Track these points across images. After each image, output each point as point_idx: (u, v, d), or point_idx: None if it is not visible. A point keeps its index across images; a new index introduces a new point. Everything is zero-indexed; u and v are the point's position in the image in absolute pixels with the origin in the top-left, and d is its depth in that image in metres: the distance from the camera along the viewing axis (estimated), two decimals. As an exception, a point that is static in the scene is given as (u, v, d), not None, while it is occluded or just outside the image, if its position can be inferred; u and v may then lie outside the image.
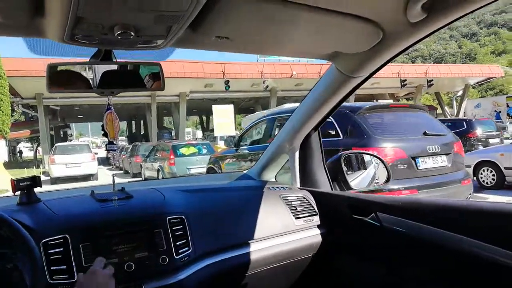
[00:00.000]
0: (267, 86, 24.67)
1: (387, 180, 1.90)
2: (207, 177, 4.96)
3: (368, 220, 1.42)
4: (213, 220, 1.38)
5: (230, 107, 18.04)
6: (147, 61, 1.19)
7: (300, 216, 1.57)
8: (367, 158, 2.04)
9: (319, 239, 1.57)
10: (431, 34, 1.08)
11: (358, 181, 1.86)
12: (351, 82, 1.43)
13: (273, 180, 1.98)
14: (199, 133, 50.45)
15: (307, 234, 1.56)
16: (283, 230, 1.50)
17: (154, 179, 11.20)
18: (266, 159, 1.94)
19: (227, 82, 23.04)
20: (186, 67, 23.29)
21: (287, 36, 1.12)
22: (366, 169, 2.00)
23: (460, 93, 34.21)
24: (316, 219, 1.61)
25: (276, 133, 7.57)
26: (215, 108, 17.76)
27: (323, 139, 5.04)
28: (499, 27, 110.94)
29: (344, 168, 1.80)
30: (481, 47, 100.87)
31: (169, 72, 22.34)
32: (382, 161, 1.96)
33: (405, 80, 28.47)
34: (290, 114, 1.75)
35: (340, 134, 4.47)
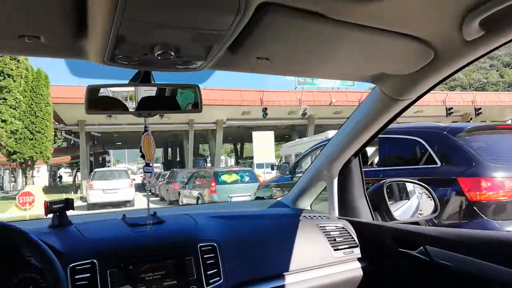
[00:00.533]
0: (305, 114, 24.07)
1: (435, 211, 1.76)
2: (239, 204, 4.82)
3: (415, 254, 1.32)
4: (246, 249, 1.33)
5: (270, 134, 17.47)
6: (186, 84, 1.18)
7: (340, 247, 1.48)
8: (409, 187, 1.93)
9: (360, 273, 1.48)
10: (486, 54, 0.99)
11: (401, 212, 1.75)
12: (397, 105, 1.35)
13: (309, 208, 1.87)
14: (231, 161, 50.35)
15: (347, 267, 1.47)
16: (321, 262, 1.42)
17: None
18: (302, 186, 1.85)
19: (265, 110, 22.69)
20: (225, 95, 23.26)
21: (330, 57, 1.07)
22: (409, 198, 1.89)
23: (509, 122, 32.15)
24: (357, 252, 1.51)
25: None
26: (256, 134, 17.24)
27: (405, 167, 4.08)
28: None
29: (387, 197, 1.69)
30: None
31: (207, 100, 22.35)
32: (429, 190, 1.82)
33: (451, 108, 27.12)
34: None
35: (437, 160, 3.66)
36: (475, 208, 3.25)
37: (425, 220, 2.27)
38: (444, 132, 3.74)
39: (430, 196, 1.81)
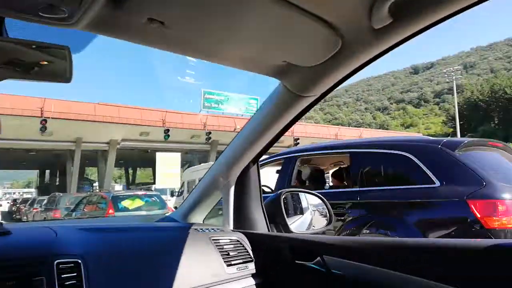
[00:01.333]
0: (209, 138, 23.19)
1: (329, 223, 1.76)
2: (119, 218, 4.32)
3: (312, 265, 1.26)
4: (121, 266, 1.12)
5: (177, 156, 16.08)
6: (53, 44, 0.88)
7: (233, 262, 1.33)
8: (306, 198, 1.87)
9: None
10: (395, 46, 0.98)
11: (298, 224, 1.67)
12: (301, 103, 1.25)
13: (201, 222, 1.69)
14: (118, 187, 46.54)
15: (240, 285, 1.32)
16: (212, 279, 1.24)
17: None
18: (194, 198, 1.67)
19: (167, 131, 21.16)
20: (122, 112, 21.08)
21: (233, 36, 0.94)
22: (304, 211, 1.83)
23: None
24: (252, 267, 1.38)
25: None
26: (160, 156, 15.64)
27: (393, 187, 3.28)
28: (406, 104, 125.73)
29: (284, 209, 1.59)
30: (392, 119, 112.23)
31: (101, 116, 19.97)
32: (324, 201, 1.78)
33: (343, 142, 29.14)
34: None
35: (434, 179, 3.05)
36: (490, 235, 2.66)
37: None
38: (439, 146, 3.18)
39: (325, 207, 1.78)
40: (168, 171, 15.11)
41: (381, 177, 3.50)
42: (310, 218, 1.83)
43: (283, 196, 1.64)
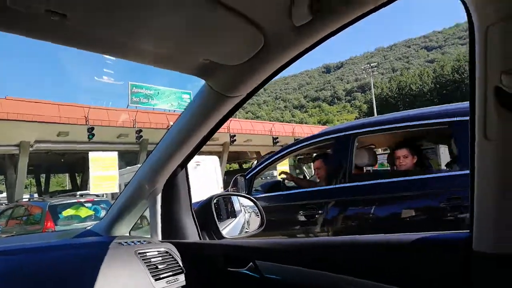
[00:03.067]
0: (140, 137, 21.06)
1: (261, 225, 1.69)
2: (31, 237, 3.51)
3: (245, 271, 1.25)
4: None
5: (114, 156, 13.94)
6: None
7: (162, 276, 1.27)
8: (236, 200, 1.88)
9: None
10: (316, 44, 0.98)
11: (230, 228, 1.68)
12: (227, 103, 1.22)
13: (127, 235, 1.59)
14: (26, 197, 41.17)
15: None
16: None
17: None
18: (118, 208, 1.56)
19: (91, 130, 18.67)
20: (36, 108, 18.01)
21: (147, 31, 0.87)
22: (236, 213, 1.85)
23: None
24: (182, 279, 1.33)
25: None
26: (93, 156, 13.37)
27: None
28: (321, 101, 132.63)
29: (215, 214, 1.54)
30: (309, 116, 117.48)
31: (8, 113, 16.80)
32: (256, 203, 1.75)
33: (277, 137, 29.04)
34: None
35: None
36: None
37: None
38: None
39: (257, 209, 1.74)
40: (104, 173, 13.01)
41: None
42: (243, 221, 1.82)
43: (214, 201, 1.58)
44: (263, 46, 0.95)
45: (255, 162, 41.01)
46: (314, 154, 3.89)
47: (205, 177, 11.97)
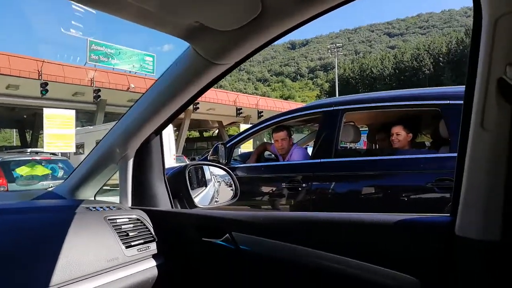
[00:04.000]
0: (98, 96, 20.03)
1: (235, 196, 1.68)
2: None
3: (220, 242, 1.24)
4: None
5: (71, 114, 13.06)
6: None
7: (133, 243, 1.22)
8: (207, 170, 1.82)
9: (155, 272, 1.26)
10: (316, 16, 0.93)
11: (200, 198, 1.61)
12: (213, 70, 1.15)
13: (92, 199, 1.53)
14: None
15: (141, 267, 1.22)
16: (108, 264, 1.12)
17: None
18: (84, 171, 1.48)
19: (44, 85, 17.46)
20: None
21: None
22: (207, 182, 1.80)
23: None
24: (154, 247, 1.29)
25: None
26: (48, 113, 12.44)
27: None
28: (284, 77, 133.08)
29: (189, 183, 1.52)
30: (272, 91, 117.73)
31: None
32: (230, 174, 1.73)
33: (241, 108, 28.86)
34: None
35: None
36: None
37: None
38: None
39: (231, 181, 1.72)
40: (60, 132, 12.20)
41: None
42: (213, 191, 1.80)
43: (188, 170, 1.56)
44: (260, 13, 0.88)
45: (217, 131, 40.75)
46: (275, 126, 3.77)
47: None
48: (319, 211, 3.06)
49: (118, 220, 1.25)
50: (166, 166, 1.56)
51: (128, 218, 1.29)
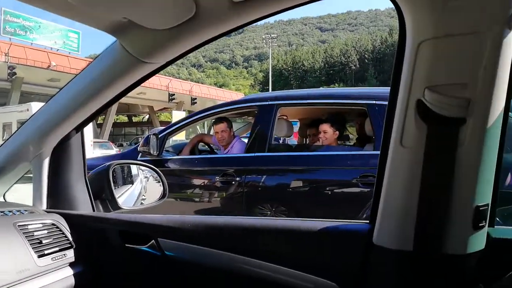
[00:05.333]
0: (13, 74, 18.17)
1: (163, 196, 1.62)
2: None
3: (145, 248, 1.19)
4: None
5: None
6: None
7: (47, 252, 1.13)
8: (134, 169, 1.75)
9: (71, 282, 1.18)
10: (252, 22, 0.92)
11: (125, 198, 1.54)
12: (141, 69, 1.10)
13: (1, 200, 1.44)
14: None
15: (56, 277, 1.14)
16: (17, 276, 1.03)
17: None
18: None
19: None
20: None
21: None
22: (133, 182, 1.71)
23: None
24: (71, 254, 1.20)
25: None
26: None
27: None
28: (219, 64, 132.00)
29: (112, 183, 1.45)
30: (207, 77, 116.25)
31: None
32: (158, 173, 1.67)
33: (174, 94, 28.14)
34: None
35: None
36: None
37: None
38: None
39: (159, 180, 1.66)
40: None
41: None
42: (139, 189, 1.73)
43: (112, 169, 1.48)
44: (193, 15, 0.87)
45: (147, 116, 39.18)
46: (215, 117, 3.78)
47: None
48: (251, 205, 3.09)
49: (29, 226, 1.15)
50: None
51: (42, 223, 1.20)
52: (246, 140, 4.27)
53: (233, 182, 3.30)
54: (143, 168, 1.77)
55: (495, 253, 0.88)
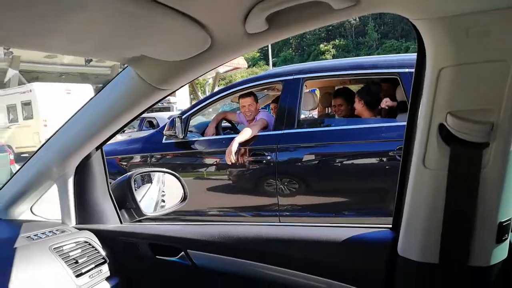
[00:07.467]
0: (10, 53, 17.80)
1: (184, 200, 1.65)
2: None
3: (176, 260, 1.24)
4: None
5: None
6: None
7: (84, 270, 1.16)
8: (154, 176, 1.78)
9: None
10: (265, 46, 0.77)
11: (146, 203, 1.60)
12: (156, 95, 1.13)
13: (29, 212, 1.44)
14: None
15: None
16: None
17: None
18: (17, 189, 1.37)
19: None
20: None
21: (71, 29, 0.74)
22: (150, 187, 1.75)
23: (210, 81, 36.42)
24: (106, 269, 1.25)
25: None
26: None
27: None
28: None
29: (135, 191, 1.51)
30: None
31: None
32: (178, 177, 1.69)
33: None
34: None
35: None
36: None
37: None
38: None
39: (180, 183, 1.68)
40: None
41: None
42: (156, 193, 1.76)
43: (134, 178, 1.53)
44: (209, 47, 0.89)
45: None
46: (242, 92, 3.68)
47: (76, 106, 10.79)
48: (285, 185, 3.04)
49: (64, 247, 1.20)
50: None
51: (75, 242, 1.24)
52: (267, 111, 4.19)
53: (264, 162, 3.26)
54: (160, 174, 1.81)
55: None
